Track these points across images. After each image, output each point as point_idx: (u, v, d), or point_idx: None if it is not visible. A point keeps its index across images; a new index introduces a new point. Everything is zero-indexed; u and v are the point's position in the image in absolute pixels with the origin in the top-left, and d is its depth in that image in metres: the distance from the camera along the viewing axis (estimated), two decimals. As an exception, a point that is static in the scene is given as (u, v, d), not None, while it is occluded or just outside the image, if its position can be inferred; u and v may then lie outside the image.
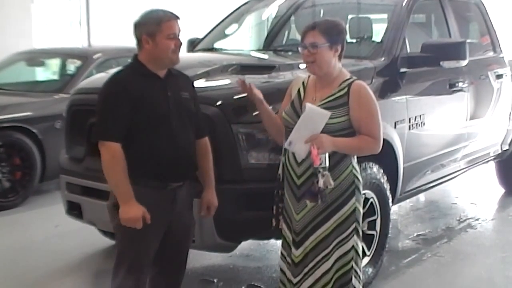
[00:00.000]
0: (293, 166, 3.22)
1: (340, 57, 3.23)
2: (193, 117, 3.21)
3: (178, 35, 3.06)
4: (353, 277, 3.24)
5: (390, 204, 4.31)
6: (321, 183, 3.02)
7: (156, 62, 3.06)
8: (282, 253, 3.41)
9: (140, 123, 3.01)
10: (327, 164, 3.03)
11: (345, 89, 3.16)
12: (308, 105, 3.13)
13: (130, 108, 2.97)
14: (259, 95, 3.37)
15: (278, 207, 3.36)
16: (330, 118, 3.10)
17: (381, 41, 4.80)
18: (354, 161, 3.24)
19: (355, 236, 3.22)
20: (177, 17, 3.07)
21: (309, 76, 3.34)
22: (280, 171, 3.33)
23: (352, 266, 3.23)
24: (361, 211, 3.28)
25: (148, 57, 3.06)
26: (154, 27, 3.00)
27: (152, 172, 3.06)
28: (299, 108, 3.24)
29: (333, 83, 3.21)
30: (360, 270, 3.31)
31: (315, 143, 3.03)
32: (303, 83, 3.33)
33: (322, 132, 3.09)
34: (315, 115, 3.10)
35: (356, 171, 3.24)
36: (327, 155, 3.04)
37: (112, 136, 2.98)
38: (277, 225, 3.38)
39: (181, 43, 3.09)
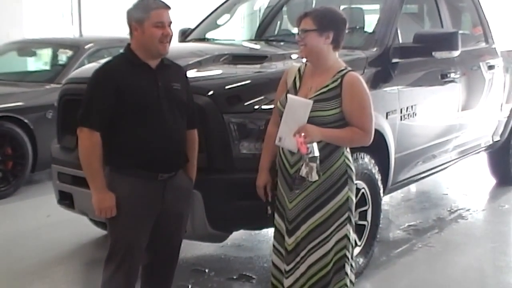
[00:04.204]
0: (286, 156, 3.22)
1: (336, 47, 3.22)
2: (185, 108, 3.19)
3: (168, 25, 3.04)
4: (346, 264, 3.26)
5: (381, 194, 4.32)
6: (303, 172, 3.03)
7: (144, 51, 3.05)
8: (274, 245, 3.41)
9: (129, 113, 3.00)
10: (316, 154, 3.01)
11: (338, 81, 3.15)
12: (289, 96, 3.15)
13: (116, 98, 2.97)
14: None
15: (273, 194, 3.36)
16: (323, 110, 3.10)
17: (373, 32, 4.80)
18: (347, 151, 3.24)
19: (348, 225, 3.24)
20: (167, 7, 3.05)
21: (305, 64, 3.33)
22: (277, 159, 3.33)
23: (345, 254, 3.25)
24: (354, 200, 3.29)
25: (137, 45, 3.06)
26: (142, 14, 3.00)
27: (142, 163, 3.05)
28: None
29: (328, 72, 3.19)
30: (352, 258, 3.33)
31: (302, 131, 3.03)
32: (299, 71, 3.32)
33: (316, 124, 3.08)
34: (297, 105, 3.10)
35: (349, 160, 3.24)
36: (315, 144, 3.03)
37: (93, 124, 2.98)
38: (272, 212, 3.38)
39: (170, 33, 3.06)
